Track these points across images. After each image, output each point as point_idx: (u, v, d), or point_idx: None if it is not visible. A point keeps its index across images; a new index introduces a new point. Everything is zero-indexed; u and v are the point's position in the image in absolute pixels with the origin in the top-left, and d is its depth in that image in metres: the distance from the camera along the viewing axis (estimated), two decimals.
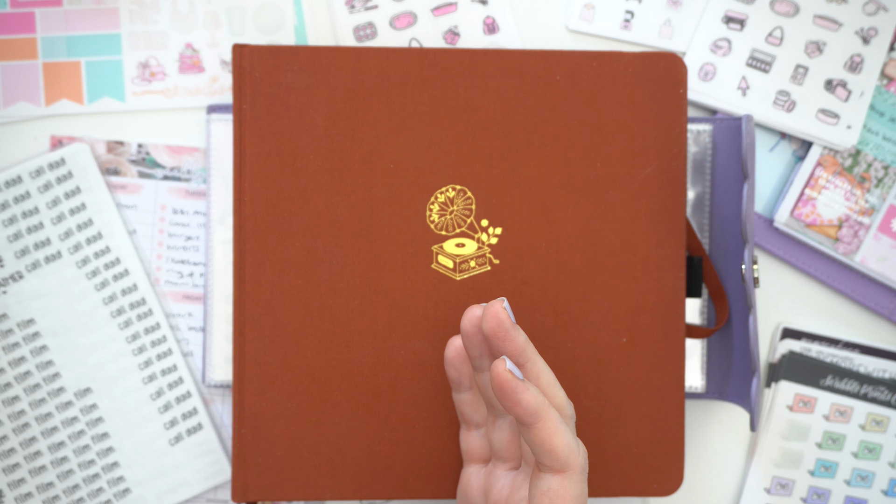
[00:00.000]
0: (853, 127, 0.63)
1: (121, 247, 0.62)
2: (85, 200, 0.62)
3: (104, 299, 0.62)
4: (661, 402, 0.59)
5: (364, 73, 0.57)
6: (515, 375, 0.46)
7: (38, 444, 0.62)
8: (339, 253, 0.57)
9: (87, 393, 0.62)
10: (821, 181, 0.63)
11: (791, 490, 0.65)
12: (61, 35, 0.62)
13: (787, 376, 0.64)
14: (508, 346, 0.48)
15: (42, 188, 0.61)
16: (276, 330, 0.57)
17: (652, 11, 0.64)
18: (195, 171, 0.63)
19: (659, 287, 0.58)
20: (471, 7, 0.63)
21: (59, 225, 0.61)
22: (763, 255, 0.65)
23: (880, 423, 0.65)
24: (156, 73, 0.62)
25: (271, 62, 0.56)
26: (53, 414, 0.62)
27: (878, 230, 0.63)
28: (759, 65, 0.63)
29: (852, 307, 0.65)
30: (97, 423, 0.62)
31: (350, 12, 0.63)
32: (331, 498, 0.58)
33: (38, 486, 0.62)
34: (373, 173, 0.57)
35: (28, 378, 0.61)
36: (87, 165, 0.61)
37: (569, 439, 0.47)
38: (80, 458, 0.62)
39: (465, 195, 0.57)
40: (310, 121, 0.57)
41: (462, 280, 0.57)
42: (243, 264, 0.57)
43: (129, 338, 0.62)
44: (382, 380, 0.58)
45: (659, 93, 0.58)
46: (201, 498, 0.63)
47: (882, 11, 0.63)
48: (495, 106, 0.57)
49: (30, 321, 0.61)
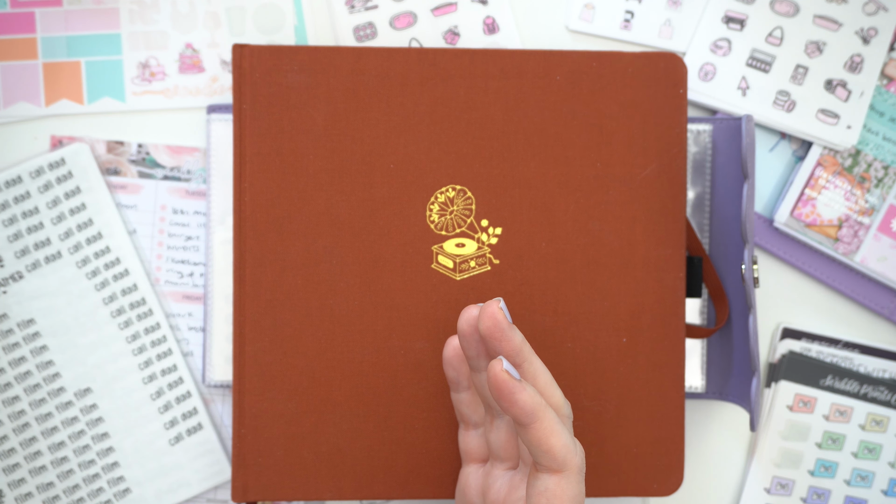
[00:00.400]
0: (853, 127, 0.63)
1: (121, 247, 0.62)
2: (85, 200, 0.62)
3: (104, 299, 0.62)
4: (661, 402, 0.59)
5: (364, 73, 0.57)
6: (512, 375, 0.46)
7: (38, 444, 0.62)
8: (339, 253, 0.57)
9: (87, 393, 0.62)
10: (821, 181, 0.63)
11: (791, 490, 0.65)
12: (61, 35, 0.62)
13: (787, 376, 0.64)
14: (504, 346, 0.48)
15: (42, 188, 0.61)
16: (276, 330, 0.57)
17: (652, 11, 0.64)
18: (195, 171, 0.63)
19: (659, 287, 0.58)
20: (471, 7, 0.63)
21: (59, 225, 0.61)
22: (763, 255, 0.65)
23: (880, 423, 0.65)
24: (156, 73, 0.62)
25: (271, 62, 0.56)
26: (53, 414, 0.62)
27: (878, 230, 0.63)
28: (759, 65, 0.63)
29: (852, 307, 0.65)
30: (97, 423, 0.62)
31: (350, 12, 0.63)
32: (331, 498, 0.58)
33: (39, 486, 0.62)
34: (373, 173, 0.57)
35: (28, 378, 0.61)
36: (87, 165, 0.62)
37: (566, 439, 0.47)
38: (80, 458, 0.62)
39: (465, 195, 0.57)
40: (310, 121, 0.57)
41: (462, 280, 0.57)
42: (243, 264, 0.57)
43: (129, 338, 0.62)
44: (382, 380, 0.58)
45: (659, 93, 0.58)
46: (201, 498, 0.63)
47: (882, 11, 0.63)
48: (495, 106, 0.57)
49: (30, 321, 0.61)
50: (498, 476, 0.52)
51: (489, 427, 0.53)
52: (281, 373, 0.57)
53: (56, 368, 0.62)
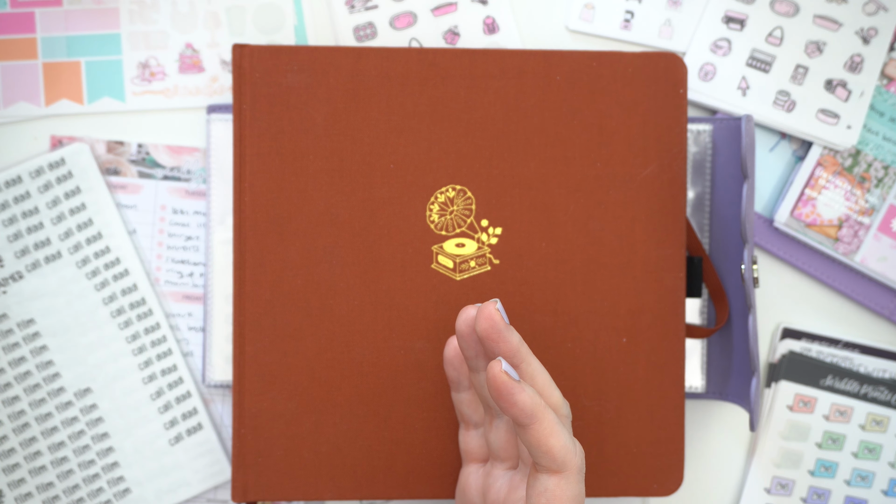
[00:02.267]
0: (853, 127, 0.63)
1: (121, 247, 0.62)
2: (85, 200, 0.62)
3: (104, 299, 0.62)
4: (660, 402, 0.59)
5: (364, 73, 0.57)
6: (511, 376, 0.46)
7: (37, 444, 0.62)
8: (339, 253, 0.57)
9: (86, 393, 0.62)
10: (821, 181, 0.63)
11: (791, 490, 0.65)
12: (61, 35, 0.62)
13: (787, 376, 0.64)
14: (502, 347, 0.48)
15: (42, 188, 0.61)
16: (276, 330, 0.57)
17: (652, 11, 0.64)
18: (195, 171, 0.63)
19: (659, 287, 0.58)
20: (471, 7, 0.63)
21: (58, 225, 0.61)
22: (763, 255, 0.65)
23: (880, 423, 0.65)
24: (156, 73, 0.62)
25: (271, 62, 0.56)
26: (53, 414, 0.62)
27: (878, 230, 0.63)
28: (759, 65, 0.63)
29: (852, 307, 0.65)
30: (97, 423, 0.62)
31: (350, 12, 0.63)
32: (331, 498, 0.58)
33: (38, 486, 0.62)
34: (373, 173, 0.57)
35: (28, 378, 0.61)
36: (87, 165, 0.62)
37: (565, 440, 0.47)
38: (80, 458, 0.62)
39: (464, 195, 0.57)
40: (310, 121, 0.57)
41: (462, 280, 0.57)
42: (243, 264, 0.57)
43: (129, 338, 0.62)
44: (382, 380, 0.58)
45: (659, 93, 0.58)
46: (201, 498, 0.63)
47: (882, 11, 0.63)
48: (495, 106, 0.57)
49: (30, 321, 0.61)
50: (498, 476, 0.52)
51: (489, 427, 0.53)
52: (281, 373, 0.57)
53: (56, 368, 0.62)
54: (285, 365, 0.57)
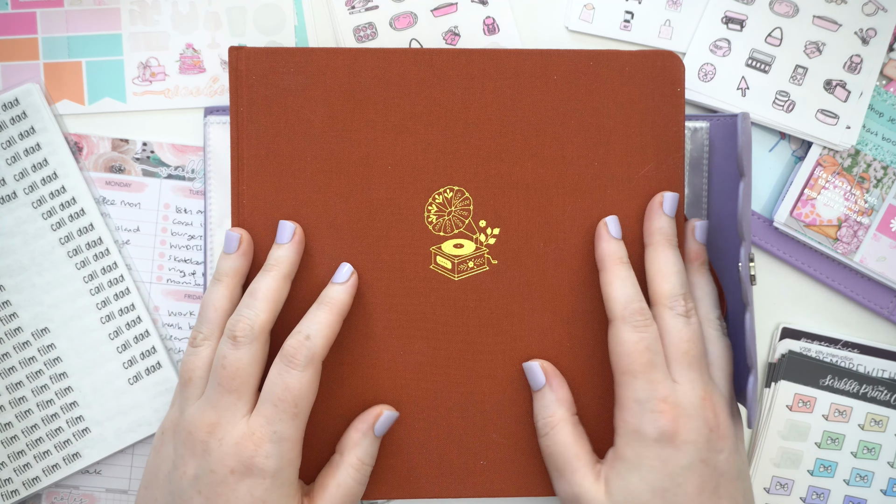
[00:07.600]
0: (852, 127, 0.62)
1: (75, 187, 0.62)
2: (40, 140, 0.62)
3: (60, 239, 0.62)
4: None
5: (361, 74, 0.57)
6: (609, 229, 0.56)
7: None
8: (338, 254, 0.57)
9: (44, 333, 0.62)
10: (820, 181, 0.63)
11: (790, 490, 0.65)
12: (62, 35, 0.62)
13: (787, 376, 0.64)
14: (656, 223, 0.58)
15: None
16: (274, 331, 0.57)
17: (652, 12, 0.64)
18: (199, 171, 0.63)
19: None
20: (471, 7, 0.63)
21: (13, 165, 0.61)
22: (762, 255, 0.65)
23: (879, 423, 0.65)
24: (156, 73, 0.63)
25: (268, 64, 0.57)
26: (11, 354, 0.62)
27: (878, 230, 0.63)
28: (758, 65, 0.63)
29: (851, 307, 0.65)
30: (55, 362, 0.62)
31: (350, 13, 0.63)
32: None
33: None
34: (370, 174, 0.57)
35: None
36: (40, 105, 0.61)
37: (621, 292, 0.54)
38: (39, 397, 0.62)
39: (462, 196, 0.57)
40: (307, 122, 0.57)
41: (461, 280, 0.58)
42: None
43: (87, 277, 0.62)
44: (382, 380, 0.58)
45: (656, 91, 0.58)
46: None
47: (881, 12, 0.63)
48: (493, 106, 0.57)
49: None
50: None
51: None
52: None
53: (13, 308, 0.62)
54: None
